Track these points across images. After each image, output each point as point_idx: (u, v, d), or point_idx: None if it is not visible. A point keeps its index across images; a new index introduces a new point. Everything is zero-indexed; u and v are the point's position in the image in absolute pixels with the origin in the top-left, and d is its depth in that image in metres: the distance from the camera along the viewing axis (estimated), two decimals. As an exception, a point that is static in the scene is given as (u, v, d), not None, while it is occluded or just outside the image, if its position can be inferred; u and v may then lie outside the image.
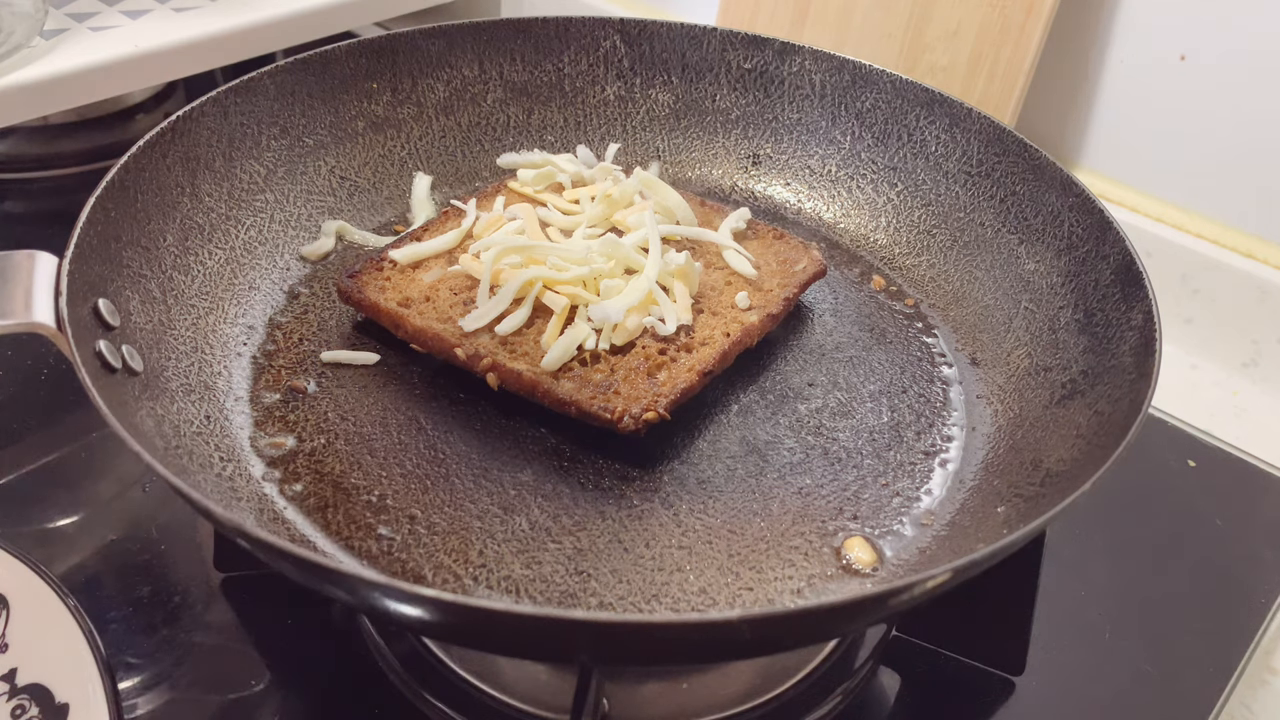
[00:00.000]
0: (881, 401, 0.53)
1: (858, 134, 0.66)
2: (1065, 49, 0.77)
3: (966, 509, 0.47)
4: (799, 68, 0.67)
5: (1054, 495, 0.43)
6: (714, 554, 0.45)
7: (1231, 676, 0.51)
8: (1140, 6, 0.73)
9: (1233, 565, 0.57)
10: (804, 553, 0.45)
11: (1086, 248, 0.54)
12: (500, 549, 0.44)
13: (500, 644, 0.39)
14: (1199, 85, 0.73)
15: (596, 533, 0.45)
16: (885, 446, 0.51)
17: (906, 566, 0.45)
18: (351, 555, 0.43)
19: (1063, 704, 0.49)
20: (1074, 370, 0.50)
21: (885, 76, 0.64)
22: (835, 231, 0.66)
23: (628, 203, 0.58)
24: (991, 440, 0.51)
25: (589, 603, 0.42)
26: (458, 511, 0.45)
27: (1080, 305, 0.53)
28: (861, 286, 0.61)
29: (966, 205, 0.62)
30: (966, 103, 0.62)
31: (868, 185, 0.66)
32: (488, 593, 0.42)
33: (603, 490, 0.47)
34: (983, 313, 0.58)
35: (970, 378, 0.55)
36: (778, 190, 0.68)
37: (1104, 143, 0.79)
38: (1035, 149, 0.58)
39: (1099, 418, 0.46)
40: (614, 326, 0.50)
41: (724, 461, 0.49)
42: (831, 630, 0.43)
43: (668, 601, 0.43)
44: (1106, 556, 0.57)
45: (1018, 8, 0.74)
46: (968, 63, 0.77)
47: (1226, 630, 0.54)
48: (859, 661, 0.49)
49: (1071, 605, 0.54)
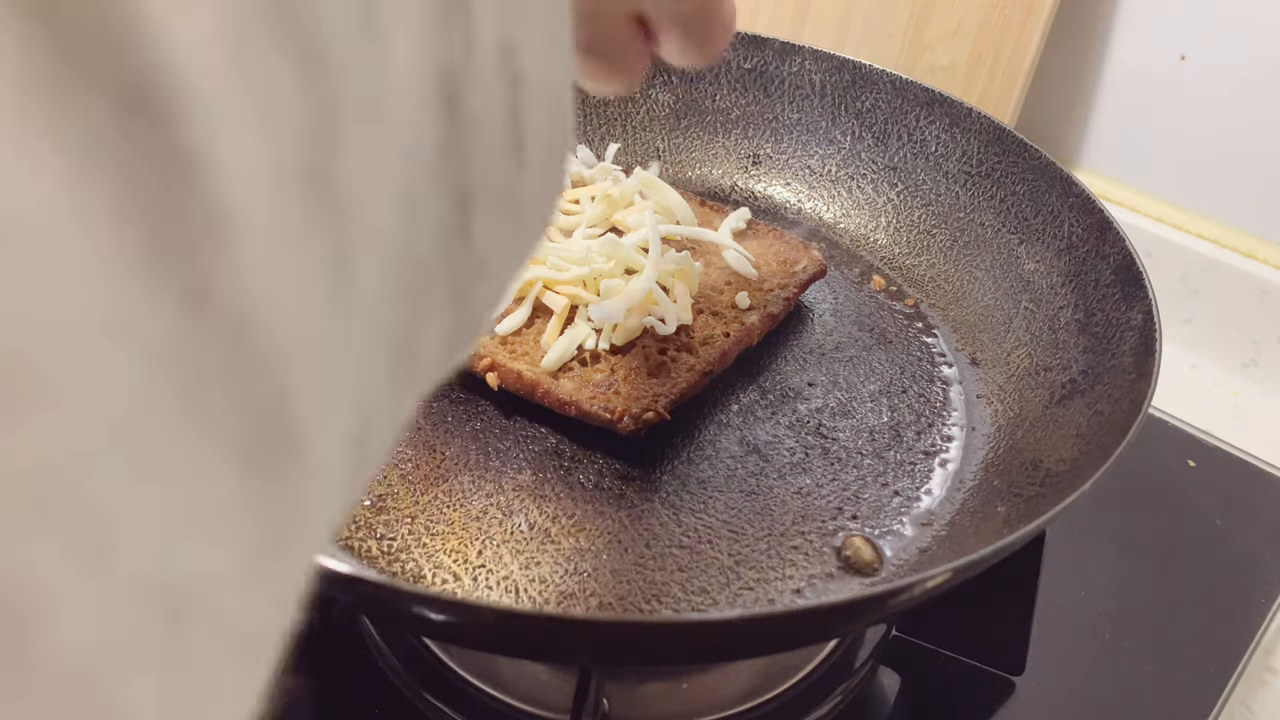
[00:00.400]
0: (881, 401, 0.53)
1: (858, 134, 0.66)
2: (1065, 49, 0.77)
3: (966, 509, 0.47)
4: (799, 68, 0.67)
5: (1054, 495, 0.43)
6: (714, 554, 0.45)
7: (1231, 676, 0.51)
8: (1140, 6, 0.73)
9: (1233, 565, 0.57)
10: (804, 553, 0.45)
11: (1086, 248, 0.54)
12: (500, 549, 0.44)
13: (500, 644, 0.39)
14: (1199, 85, 0.73)
15: (596, 533, 0.45)
16: (885, 446, 0.51)
17: (906, 566, 0.45)
18: (351, 555, 0.43)
19: (1063, 704, 0.49)
20: (1074, 370, 0.50)
21: (885, 76, 0.64)
22: (835, 231, 0.66)
23: (628, 203, 0.58)
24: (991, 440, 0.51)
25: (589, 603, 0.42)
26: (457, 511, 0.45)
27: (1080, 305, 0.53)
28: (861, 286, 0.61)
29: (966, 205, 0.62)
30: (966, 103, 0.62)
31: (868, 185, 0.66)
32: (488, 593, 0.42)
33: (603, 490, 0.47)
34: (983, 313, 0.58)
35: (970, 378, 0.55)
36: (778, 190, 0.68)
37: (1104, 143, 0.79)
38: (1035, 149, 0.58)
39: (1099, 418, 0.46)
40: (614, 326, 0.50)
41: (724, 461, 0.49)
42: (831, 630, 0.43)
43: (668, 601, 0.43)
44: (1106, 556, 0.57)
45: (1018, 8, 0.74)
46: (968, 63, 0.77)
47: (1226, 630, 0.53)
48: (859, 661, 0.49)
49: (1071, 605, 0.54)
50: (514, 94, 0.17)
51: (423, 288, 0.16)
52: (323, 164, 0.12)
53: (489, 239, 0.17)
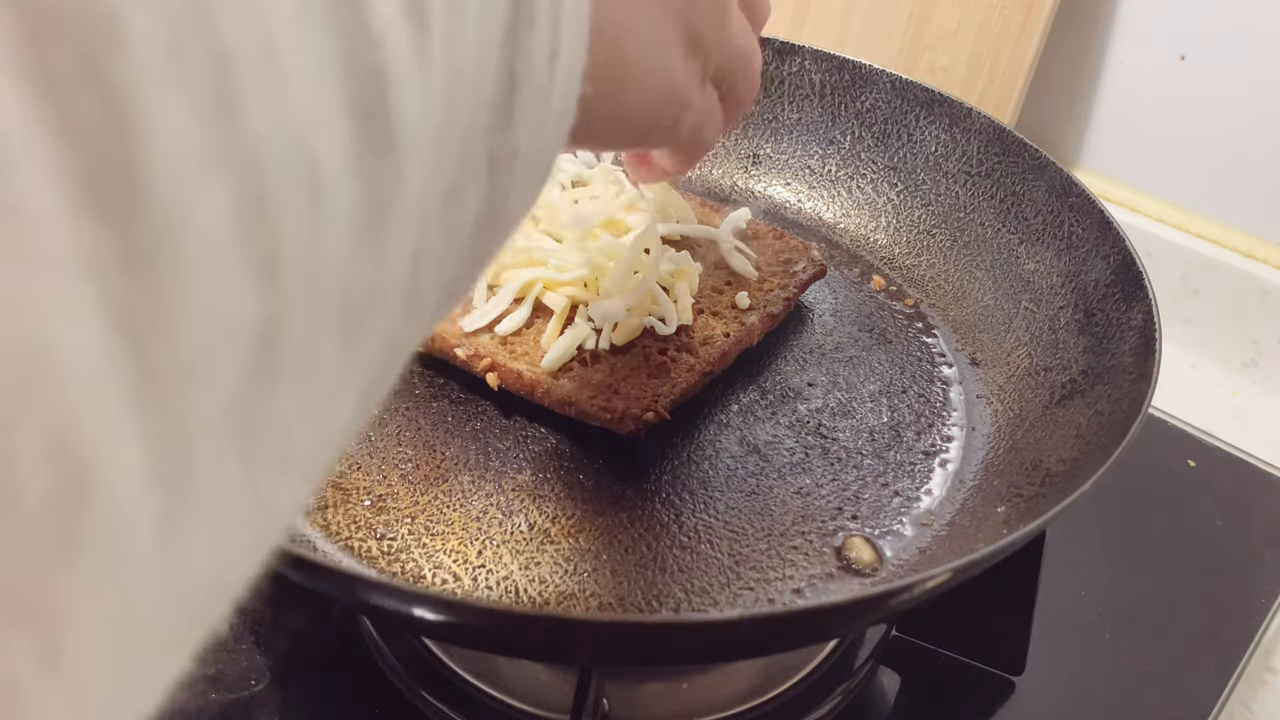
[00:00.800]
0: (881, 401, 0.53)
1: (858, 134, 0.66)
2: (1065, 49, 0.77)
3: (966, 509, 0.47)
4: (799, 68, 0.67)
5: (1054, 495, 0.43)
6: (714, 554, 0.45)
7: (1231, 676, 0.51)
8: (1140, 6, 0.73)
9: (1233, 565, 0.57)
10: (804, 553, 0.45)
11: (1086, 248, 0.54)
12: (500, 549, 0.44)
13: (500, 644, 0.39)
14: (1199, 85, 0.73)
15: (596, 533, 0.45)
16: (885, 446, 0.51)
17: (906, 566, 0.45)
18: (351, 555, 0.43)
19: (1063, 704, 0.49)
20: (1074, 370, 0.50)
21: (885, 76, 0.64)
22: (835, 231, 0.66)
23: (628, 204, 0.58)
24: (991, 440, 0.51)
25: (589, 603, 0.42)
26: (457, 512, 0.45)
27: (1080, 305, 0.53)
28: (861, 286, 0.61)
29: (966, 205, 0.62)
30: (966, 103, 0.62)
31: (868, 185, 0.66)
32: (488, 593, 0.42)
33: (603, 490, 0.47)
34: (983, 313, 0.58)
35: (970, 378, 0.55)
36: (778, 190, 0.68)
37: (1104, 143, 0.79)
38: (1035, 149, 0.58)
39: (1099, 418, 0.46)
40: (614, 326, 0.50)
41: (724, 461, 0.49)
42: (831, 630, 0.43)
43: (668, 601, 0.43)
44: (1106, 556, 0.57)
45: (1018, 8, 0.74)
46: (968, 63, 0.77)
47: (1226, 630, 0.54)
48: (859, 661, 0.49)
49: (1071, 605, 0.54)
50: (555, 10, 0.21)
51: (472, 149, 0.19)
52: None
53: (524, 126, 0.21)
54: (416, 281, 0.18)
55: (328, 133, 0.14)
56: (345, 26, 0.14)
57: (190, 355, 0.12)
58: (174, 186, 0.11)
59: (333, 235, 0.15)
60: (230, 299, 0.13)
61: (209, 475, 0.13)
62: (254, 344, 0.13)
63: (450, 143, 0.18)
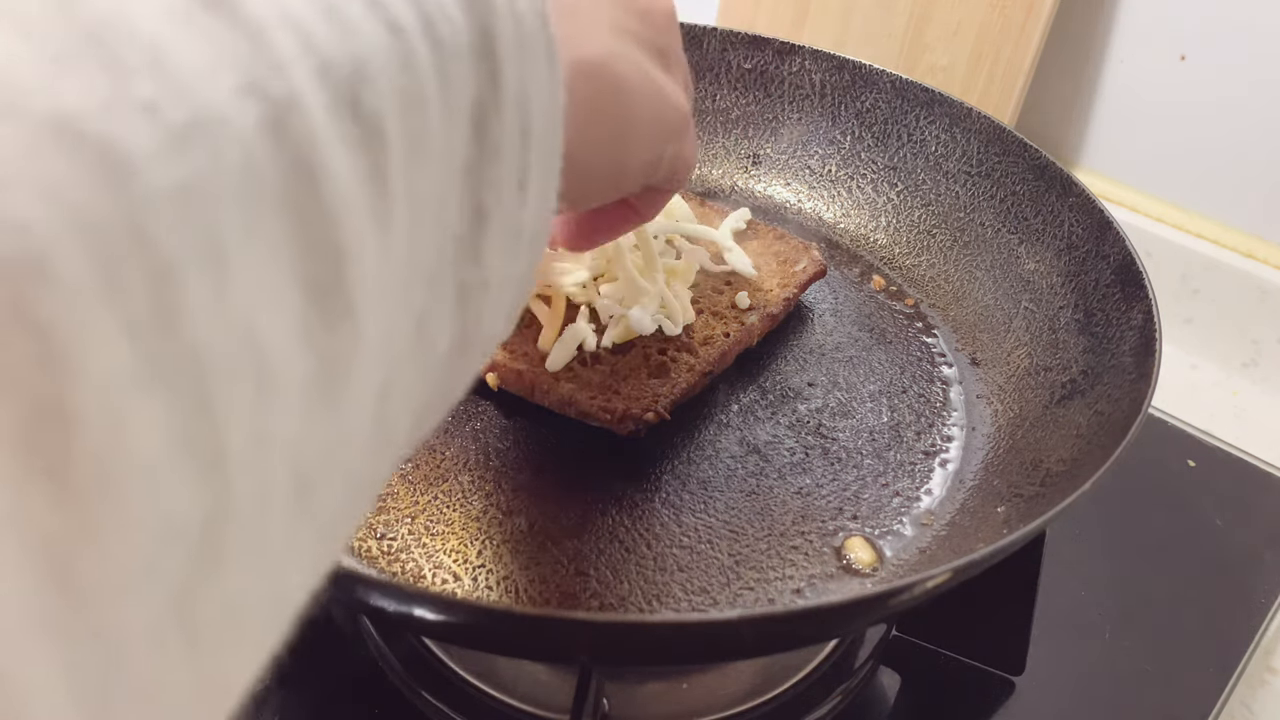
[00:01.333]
0: (881, 401, 0.53)
1: (858, 134, 0.66)
2: (1065, 49, 0.77)
3: (966, 509, 0.47)
4: (799, 68, 0.67)
5: (1054, 495, 0.43)
6: (714, 554, 0.45)
7: (1231, 676, 0.51)
8: (1140, 6, 0.73)
9: (1233, 565, 0.57)
10: (804, 553, 0.45)
11: (1086, 248, 0.54)
12: (500, 549, 0.44)
13: (500, 644, 0.39)
14: (1199, 85, 0.73)
15: (596, 533, 0.45)
16: (885, 446, 0.51)
17: (906, 566, 0.45)
18: (351, 555, 0.43)
19: (1063, 704, 0.49)
20: (1074, 370, 0.50)
21: (885, 76, 0.64)
22: (835, 231, 0.66)
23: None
24: (991, 440, 0.51)
25: (589, 603, 0.42)
26: (457, 512, 0.45)
27: (1080, 305, 0.53)
28: (861, 286, 0.61)
29: (966, 205, 0.62)
30: (966, 103, 0.62)
31: (868, 185, 0.66)
32: (488, 593, 0.42)
33: (603, 490, 0.47)
34: (983, 313, 0.58)
35: (970, 378, 0.55)
36: (778, 190, 0.68)
37: (1104, 143, 0.79)
38: (1035, 149, 0.58)
39: (1099, 418, 0.46)
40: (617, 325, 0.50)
41: (724, 461, 0.49)
42: (831, 630, 0.43)
43: (668, 601, 0.43)
44: (1106, 556, 0.57)
45: (1018, 8, 0.74)
46: (968, 63, 0.77)
47: (1226, 630, 0.53)
48: (859, 661, 0.49)
49: (1071, 605, 0.54)
50: (523, 139, 0.20)
51: (439, 282, 0.19)
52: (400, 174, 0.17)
53: (493, 255, 0.20)
54: (383, 415, 0.18)
55: (277, 319, 0.14)
56: (300, 209, 0.14)
57: (125, 572, 0.12)
58: (106, 414, 0.11)
59: (284, 413, 0.14)
60: (169, 507, 0.12)
61: (146, 671, 0.12)
62: (196, 541, 0.13)
63: (415, 283, 0.18)
